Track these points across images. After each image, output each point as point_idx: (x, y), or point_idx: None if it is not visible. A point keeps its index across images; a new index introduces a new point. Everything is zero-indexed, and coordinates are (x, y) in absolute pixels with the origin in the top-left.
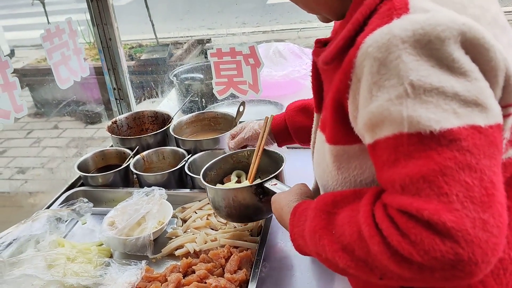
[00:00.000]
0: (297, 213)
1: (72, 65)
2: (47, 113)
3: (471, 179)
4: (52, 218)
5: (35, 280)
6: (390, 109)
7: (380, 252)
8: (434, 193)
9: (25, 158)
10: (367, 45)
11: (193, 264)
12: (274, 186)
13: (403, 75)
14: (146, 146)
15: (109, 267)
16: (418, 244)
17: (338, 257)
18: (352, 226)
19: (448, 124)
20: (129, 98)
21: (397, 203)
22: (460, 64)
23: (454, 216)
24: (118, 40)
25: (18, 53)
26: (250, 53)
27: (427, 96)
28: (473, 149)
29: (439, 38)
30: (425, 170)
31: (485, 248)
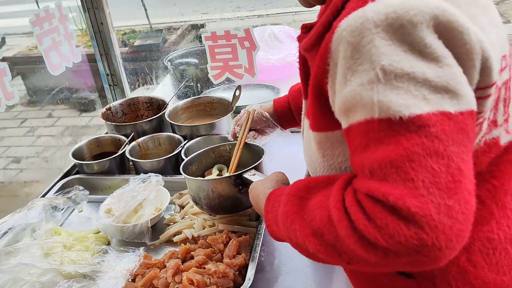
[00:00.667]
0: (271, 199)
1: (63, 50)
2: (40, 101)
3: (437, 165)
4: (48, 207)
5: (32, 268)
6: (361, 94)
7: (348, 236)
8: (401, 179)
9: (20, 147)
10: (341, 29)
11: (192, 250)
12: (253, 176)
13: (375, 59)
14: (142, 133)
15: (107, 255)
16: (383, 229)
17: (308, 242)
18: (322, 211)
19: (418, 110)
20: (123, 84)
21: (366, 187)
22: (432, 49)
23: (419, 202)
24: (110, 25)
25: (9, 41)
26: (245, 36)
27: (397, 82)
28: (442, 136)
29: (411, 22)
30: (393, 156)
31: (449, 234)
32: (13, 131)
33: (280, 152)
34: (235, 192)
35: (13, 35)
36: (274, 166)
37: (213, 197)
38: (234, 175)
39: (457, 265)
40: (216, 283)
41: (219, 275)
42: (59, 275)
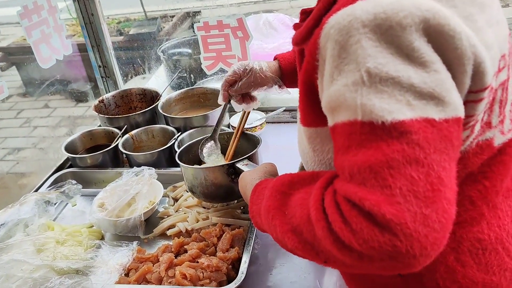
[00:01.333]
0: (256, 191)
1: (53, 43)
2: (36, 92)
3: (417, 173)
4: (41, 201)
5: (24, 265)
6: (345, 95)
7: (324, 237)
8: (378, 185)
9: (15, 138)
10: (329, 26)
11: (185, 243)
12: (245, 166)
13: (360, 61)
14: (135, 125)
15: (100, 249)
16: (358, 233)
17: (288, 238)
18: (303, 208)
19: (401, 116)
20: (116, 76)
21: (344, 190)
22: (419, 54)
23: (395, 209)
24: (101, 15)
25: (3, 31)
26: (238, 26)
27: (382, 85)
28: (423, 143)
29: (400, 24)
30: (372, 161)
31: (424, 242)
32: (9, 122)
33: (275, 143)
34: (228, 181)
35: (6, 24)
36: (270, 157)
37: (206, 185)
38: (227, 164)
39: (445, 264)
40: (209, 277)
41: (212, 269)
42: (52, 271)
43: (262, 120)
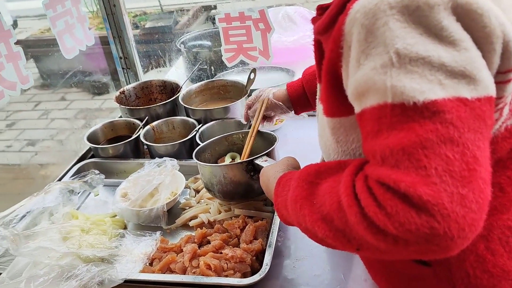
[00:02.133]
0: (281, 183)
1: (76, 33)
2: (54, 84)
3: (452, 153)
4: (65, 190)
5: (51, 252)
6: (374, 78)
7: (357, 223)
8: (413, 166)
9: (34, 130)
10: (354, 11)
11: (208, 234)
12: (264, 162)
13: (389, 43)
14: (156, 116)
15: (124, 238)
16: (393, 216)
17: (318, 227)
18: (332, 196)
19: (433, 95)
20: (136, 67)
21: (377, 174)
22: (449, 33)
23: (431, 190)
24: (123, 6)
25: (21, 24)
26: (260, 18)
27: (412, 66)
28: (457, 122)
29: (428, 4)
30: (405, 142)
31: (462, 223)
32: (27, 114)
33: (293, 137)
34: (247, 178)
35: (24, 17)
36: (288, 151)
37: (225, 183)
38: (246, 161)
39: (475, 253)
40: (233, 268)
41: (236, 260)
42: (78, 258)
43: None
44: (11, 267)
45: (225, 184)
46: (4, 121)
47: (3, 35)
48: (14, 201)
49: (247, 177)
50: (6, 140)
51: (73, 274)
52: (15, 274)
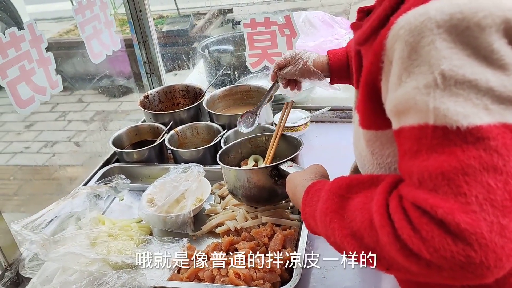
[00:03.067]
0: (310, 193)
1: (103, 38)
2: (74, 87)
3: (494, 181)
4: (91, 195)
5: (80, 258)
6: (416, 98)
7: (389, 244)
8: (452, 192)
9: (54, 132)
10: (399, 27)
11: (235, 242)
12: (290, 168)
13: (434, 63)
14: (179, 121)
15: (151, 245)
16: (428, 241)
17: (347, 243)
18: (364, 213)
19: (478, 121)
20: (160, 72)
21: (412, 196)
22: (499, 56)
23: (470, 218)
24: (149, 11)
25: (39, 27)
26: (285, 23)
27: (457, 88)
28: (502, 150)
29: (479, 25)
30: (445, 167)
31: (500, 254)
32: (45, 116)
33: (318, 143)
34: (271, 183)
35: (42, 20)
36: (313, 158)
37: (249, 187)
38: (271, 166)
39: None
40: (262, 278)
41: (266, 269)
42: (107, 265)
43: (306, 119)
44: (41, 272)
45: (249, 188)
46: (23, 123)
47: (34, 40)
48: (36, 202)
49: (271, 182)
50: (25, 141)
51: (104, 282)
52: (45, 279)
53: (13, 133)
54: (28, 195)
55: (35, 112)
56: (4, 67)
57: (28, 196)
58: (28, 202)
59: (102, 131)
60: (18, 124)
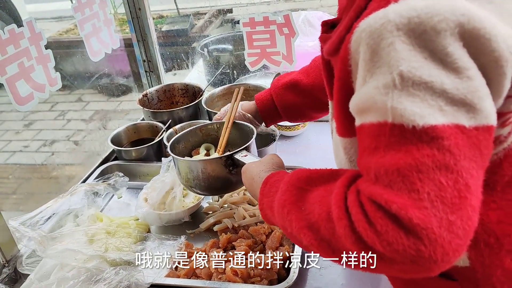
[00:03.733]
0: (268, 183)
1: (103, 36)
2: (74, 85)
3: (445, 179)
4: (90, 192)
5: (78, 254)
6: (375, 97)
7: (345, 236)
8: (406, 188)
9: (53, 131)
10: (360, 30)
11: (233, 239)
12: (245, 158)
13: (393, 64)
14: (178, 120)
15: (149, 242)
16: (382, 235)
17: (303, 234)
18: (322, 205)
19: (432, 121)
20: (159, 71)
21: (369, 191)
22: (453, 59)
23: (422, 214)
24: (148, 10)
25: (39, 26)
26: (284, 22)
27: (414, 89)
28: (454, 149)
29: (434, 29)
30: (401, 164)
31: (447, 248)
32: (44, 115)
33: (316, 143)
34: (226, 173)
35: (42, 19)
36: (311, 157)
37: (203, 178)
38: (225, 156)
39: (501, 268)
40: (260, 275)
41: (263, 266)
42: (104, 261)
43: None
44: (38, 268)
45: (203, 178)
46: (22, 121)
47: (34, 38)
48: (36, 200)
49: (226, 171)
50: (24, 140)
51: (102, 278)
52: (42, 275)
53: (12, 132)
54: (26, 194)
55: (34, 111)
56: (3, 64)
57: (26, 195)
58: (26, 200)
59: (101, 130)
60: (17, 122)
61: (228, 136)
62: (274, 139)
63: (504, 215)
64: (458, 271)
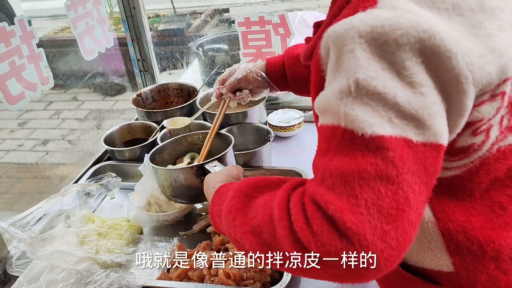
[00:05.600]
0: (219, 193)
1: (96, 35)
2: (68, 84)
3: (385, 189)
4: (82, 193)
5: (68, 256)
6: (332, 101)
7: (284, 236)
8: (346, 192)
9: (47, 130)
10: (327, 35)
11: (226, 241)
12: (214, 168)
13: (351, 70)
14: None
15: (141, 244)
16: (318, 235)
17: (246, 239)
18: (266, 209)
19: (381, 131)
20: (154, 70)
21: (313, 191)
22: (409, 73)
23: (356, 219)
24: (142, 9)
25: (34, 24)
26: (280, 22)
27: (368, 98)
28: (398, 161)
29: (396, 42)
30: (345, 168)
31: (379, 257)
32: (38, 114)
33: (312, 144)
34: (197, 182)
35: (38, 17)
36: (307, 157)
37: (177, 186)
38: (196, 165)
39: (486, 273)
40: (253, 277)
41: (256, 269)
42: (95, 263)
43: (300, 119)
44: (28, 270)
45: (177, 187)
46: (16, 120)
47: (25, 36)
48: (28, 200)
49: (198, 181)
50: (18, 139)
51: (92, 280)
52: (32, 277)
53: (6, 131)
54: (18, 194)
55: (29, 109)
56: None
57: (18, 195)
58: (18, 200)
59: (94, 130)
60: (11, 121)
61: (210, 145)
62: (269, 140)
63: (486, 221)
64: (443, 276)
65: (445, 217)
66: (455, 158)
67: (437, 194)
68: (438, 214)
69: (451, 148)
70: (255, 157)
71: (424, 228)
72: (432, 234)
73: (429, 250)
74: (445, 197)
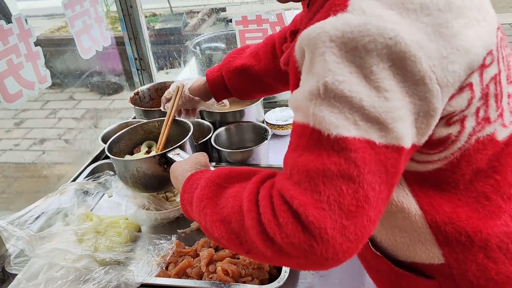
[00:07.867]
0: (190, 181)
1: (94, 34)
2: (64, 83)
3: (346, 188)
4: (80, 191)
5: (67, 254)
6: (302, 101)
7: (252, 227)
8: (310, 188)
9: (44, 129)
10: (301, 38)
11: None
12: (177, 156)
13: (321, 73)
14: None
15: (139, 241)
16: (283, 227)
17: (216, 227)
18: (236, 200)
19: (345, 132)
20: (151, 69)
21: (281, 185)
22: (376, 78)
23: (318, 214)
24: (140, 8)
25: (30, 23)
26: (277, 21)
27: (335, 101)
28: (360, 162)
29: (365, 47)
30: (311, 166)
31: (338, 249)
32: (35, 113)
33: None
34: (160, 171)
35: (34, 17)
36: None
37: (138, 176)
38: (158, 154)
39: (475, 262)
40: (251, 274)
41: (254, 266)
42: (94, 261)
43: None
44: (27, 268)
45: (139, 177)
46: (12, 120)
47: (23, 34)
48: (26, 199)
49: (160, 170)
50: (15, 138)
51: (91, 277)
52: (31, 275)
53: (2, 130)
54: (16, 193)
55: (25, 109)
56: None
57: (15, 194)
58: (15, 200)
59: (92, 129)
60: (7, 121)
61: (167, 133)
62: (266, 138)
63: (472, 211)
64: (434, 268)
65: (432, 209)
66: (435, 150)
67: (422, 188)
68: (424, 207)
69: (429, 141)
70: (252, 155)
71: (412, 221)
72: (421, 227)
73: (420, 243)
74: (430, 190)
